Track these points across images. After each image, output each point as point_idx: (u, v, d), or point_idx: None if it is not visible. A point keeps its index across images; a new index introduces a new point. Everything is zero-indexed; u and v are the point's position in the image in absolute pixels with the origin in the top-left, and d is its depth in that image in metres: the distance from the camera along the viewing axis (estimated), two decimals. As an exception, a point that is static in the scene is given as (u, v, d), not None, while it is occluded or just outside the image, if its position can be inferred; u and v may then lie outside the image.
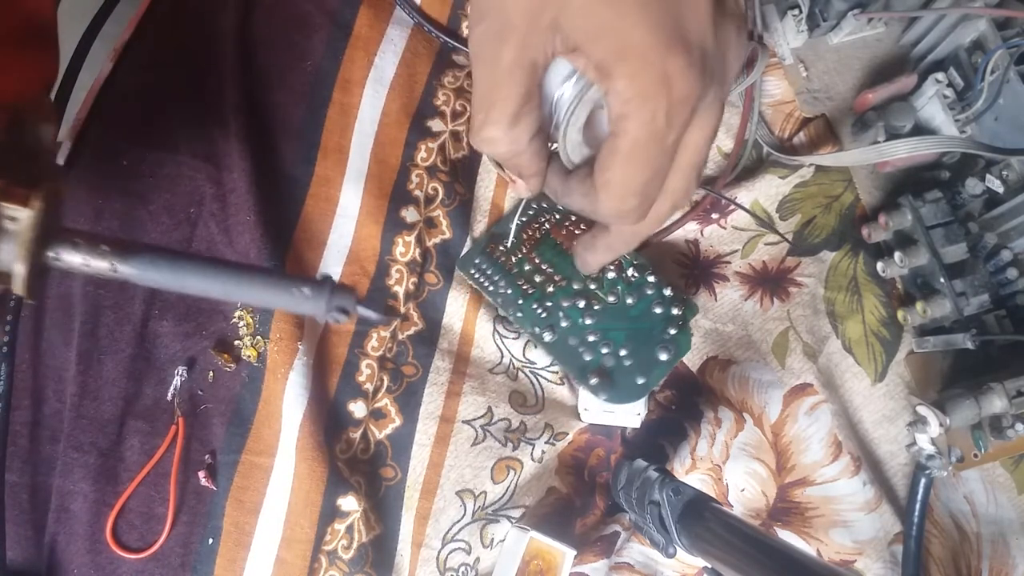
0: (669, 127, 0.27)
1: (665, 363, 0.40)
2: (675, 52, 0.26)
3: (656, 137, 0.28)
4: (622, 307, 0.41)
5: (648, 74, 0.26)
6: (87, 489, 0.41)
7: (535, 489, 0.43)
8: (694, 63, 0.26)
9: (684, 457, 0.42)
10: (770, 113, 0.46)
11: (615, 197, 0.30)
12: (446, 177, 0.45)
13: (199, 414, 0.42)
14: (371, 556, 0.40)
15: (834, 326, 0.44)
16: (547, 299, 0.42)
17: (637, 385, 0.40)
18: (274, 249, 0.42)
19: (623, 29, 0.26)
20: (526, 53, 0.28)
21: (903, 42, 0.46)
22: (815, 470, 0.42)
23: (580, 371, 0.40)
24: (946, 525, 0.43)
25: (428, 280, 0.44)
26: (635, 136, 0.28)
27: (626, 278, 0.42)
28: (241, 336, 0.42)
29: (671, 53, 0.26)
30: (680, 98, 0.27)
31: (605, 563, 0.41)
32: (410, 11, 0.47)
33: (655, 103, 0.27)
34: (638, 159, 0.28)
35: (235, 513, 0.41)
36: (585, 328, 0.41)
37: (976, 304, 0.41)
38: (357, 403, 0.42)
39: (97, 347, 0.42)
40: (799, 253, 0.45)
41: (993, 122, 0.42)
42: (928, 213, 0.41)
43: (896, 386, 0.44)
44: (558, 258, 0.43)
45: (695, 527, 0.32)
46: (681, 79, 0.26)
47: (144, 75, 0.46)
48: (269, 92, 0.45)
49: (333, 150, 0.44)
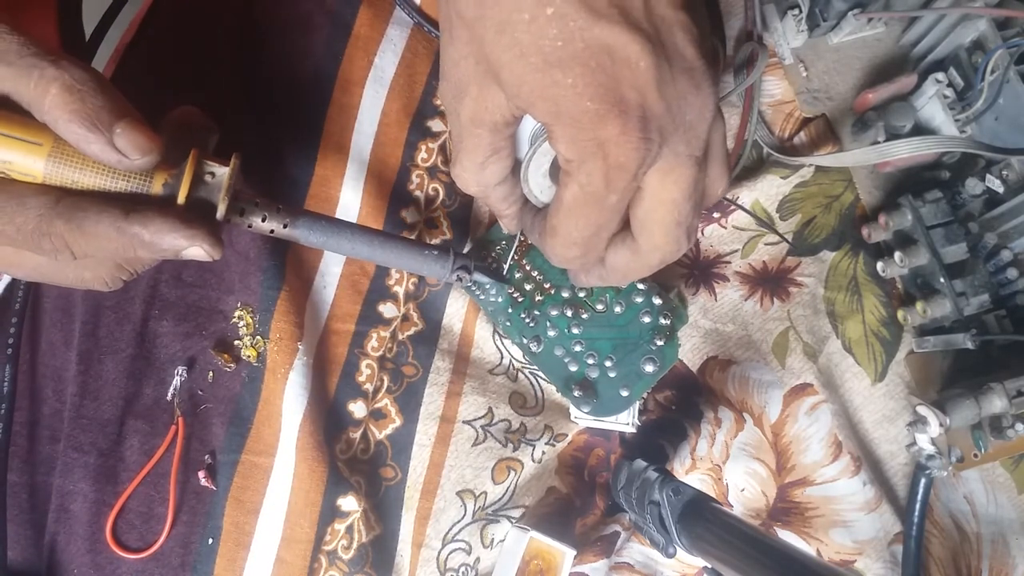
0: (608, 191, 0.27)
1: (650, 375, 0.40)
2: (608, 119, 0.26)
3: (594, 198, 0.28)
4: (610, 316, 0.41)
5: (582, 140, 0.26)
6: (87, 489, 0.41)
7: (535, 489, 0.43)
8: (631, 129, 0.26)
9: (684, 457, 0.42)
10: (770, 113, 0.46)
11: (559, 244, 0.31)
12: (447, 178, 0.45)
13: (199, 414, 0.42)
14: (371, 556, 0.40)
15: (834, 326, 0.44)
16: (535, 308, 0.42)
17: (621, 398, 0.40)
18: (273, 248, 0.42)
19: (555, 96, 0.26)
20: (482, 114, 0.29)
21: (903, 42, 0.46)
22: (815, 470, 0.42)
23: (564, 383, 0.41)
24: (946, 525, 0.43)
25: (428, 280, 0.44)
26: (574, 194, 0.28)
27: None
28: (241, 336, 0.42)
29: (604, 120, 0.26)
30: (617, 164, 0.27)
31: (605, 563, 0.41)
32: (410, 11, 0.47)
33: (591, 167, 0.27)
34: (578, 216, 0.29)
35: (235, 513, 0.41)
36: (572, 338, 0.41)
37: (976, 304, 0.41)
38: (357, 403, 0.42)
39: (97, 347, 0.42)
40: (799, 253, 0.45)
41: (993, 122, 0.42)
42: (928, 213, 0.41)
43: (896, 386, 0.44)
44: (548, 265, 0.43)
45: (695, 527, 0.32)
46: (616, 147, 0.26)
47: (145, 76, 0.46)
48: (269, 92, 0.45)
49: (333, 150, 0.44)
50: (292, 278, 0.42)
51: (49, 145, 0.29)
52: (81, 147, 0.28)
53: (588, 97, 0.26)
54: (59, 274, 0.32)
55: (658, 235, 0.30)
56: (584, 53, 0.25)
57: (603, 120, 0.26)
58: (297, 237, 0.33)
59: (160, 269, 0.43)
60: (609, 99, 0.26)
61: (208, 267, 0.44)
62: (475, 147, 0.31)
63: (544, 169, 0.33)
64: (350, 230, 0.34)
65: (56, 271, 0.32)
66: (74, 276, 0.32)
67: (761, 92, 0.46)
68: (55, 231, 0.28)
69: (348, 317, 0.43)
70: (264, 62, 0.46)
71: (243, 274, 0.42)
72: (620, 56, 0.25)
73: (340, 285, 0.43)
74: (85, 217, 0.28)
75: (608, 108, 0.26)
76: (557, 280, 0.42)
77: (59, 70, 0.27)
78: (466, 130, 0.30)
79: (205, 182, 0.31)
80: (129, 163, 0.28)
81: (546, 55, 0.25)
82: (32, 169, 0.29)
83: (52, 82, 0.27)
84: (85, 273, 0.32)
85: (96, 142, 0.28)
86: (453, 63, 0.29)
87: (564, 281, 0.42)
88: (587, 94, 0.25)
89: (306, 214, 0.33)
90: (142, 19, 0.47)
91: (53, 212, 0.28)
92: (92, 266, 0.32)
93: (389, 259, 0.35)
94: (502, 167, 0.32)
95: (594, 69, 0.25)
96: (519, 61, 0.26)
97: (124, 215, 0.29)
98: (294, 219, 0.33)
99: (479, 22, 0.26)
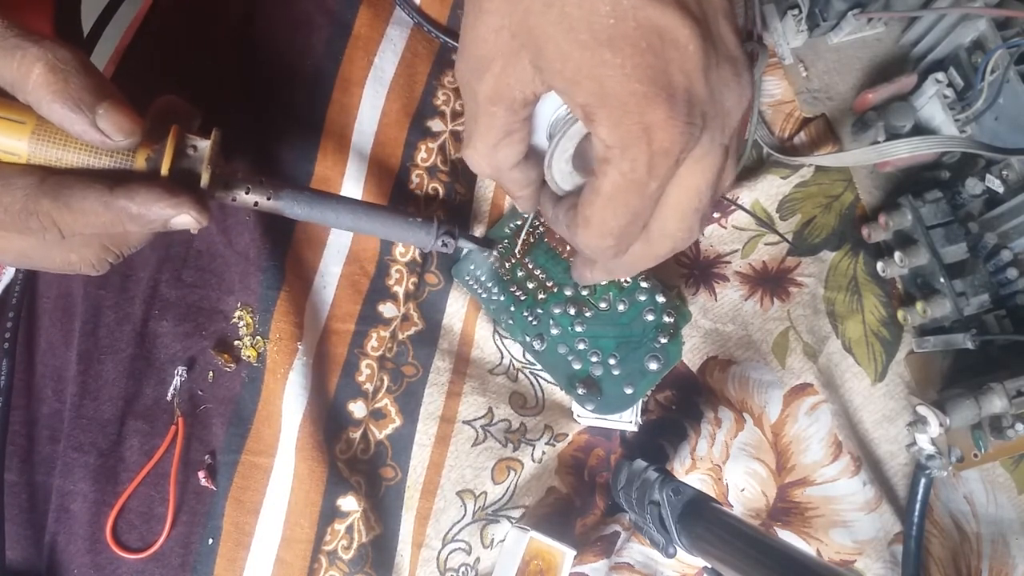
0: (650, 177, 0.27)
1: (654, 373, 0.39)
2: (656, 102, 0.25)
3: (636, 185, 0.27)
4: (613, 314, 0.41)
5: (627, 124, 0.25)
6: (87, 489, 0.41)
7: (535, 489, 0.43)
8: (677, 114, 0.25)
9: (684, 457, 0.42)
10: (770, 113, 0.46)
11: (593, 235, 0.30)
12: (446, 177, 0.45)
13: (199, 414, 0.42)
14: (371, 556, 0.40)
15: (834, 326, 0.44)
16: (538, 306, 0.42)
17: (625, 395, 0.39)
18: (273, 248, 0.42)
19: (601, 76, 0.25)
20: (503, 91, 0.28)
21: (903, 42, 0.46)
22: (815, 470, 0.42)
23: (568, 380, 0.40)
24: (946, 525, 0.43)
25: (428, 280, 0.44)
26: (614, 182, 0.27)
27: (619, 282, 0.41)
28: (241, 336, 0.42)
29: (652, 103, 0.25)
30: (661, 150, 0.26)
31: (605, 563, 0.41)
32: (410, 11, 0.47)
33: (635, 153, 0.26)
34: (617, 204, 0.28)
35: (235, 513, 0.41)
36: (575, 336, 0.41)
37: (976, 304, 0.41)
38: (357, 403, 0.42)
39: (97, 347, 0.42)
40: (799, 253, 0.45)
41: (993, 122, 0.42)
42: (928, 213, 0.41)
43: (896, 386, 0.44)
44: (551, 263, 0.43)
45: (695, 527, 0.32)
46: (662, 131, 0.25)
47: (144, 76, 0.46)
48: (269, 92, 0.45)
49: (333, 150, 0.44)
50: (292, 278, 0.42)
51: (32, 124, 0.29)
52: (65, 127, 0.28)
53: (636, 79, 0.25)
54: (46, 258, 0.32)
55: (673, 222, 0.29)
56: (635, 33, 0.25)
57: (651, 103, 0.25)
58: (281, 209, 0.34)
59: (160, 269, 0.43)
60: (658, 82, 0.25)
61: (208, 267, 0.44)
62: (489, 127, 0.30)
63: (568, 155, 0.32)
64: (334, 200, 0.35)
65: (43, 255, 0.32)
66: (61, 259, 0.32)
67: (761, 92, 0.46)
68: (42, 209, 0.28)
69: (348, 317, 0.43)
70: (264, 62, 0.46)
71: (243, 274, 0.42)
72: (670, 38, 0.25)
73: (340, 285, 0.43)
74: (71, 194, 0.28)
75: (657, 91, 0.25)
76: (560, 279, 0.42)
77: (42, 50, 0.27)
78: (482, 108, 0.30)
79: (188, 155, 0.31)
80: (112, 144, 0.29)
81: (596, 32, 0.25)
82: (16, 148, 0.29)
83: (36, 62, 0.27)
84: (71, 255, 0.32)
85: (79, 122, 0.28)
86: (480, 38, 0.28)
87: (567, 279, 0.42)
88: (635, 76, 0.25)
89: (290, 186, 0.34)
90: (142, 19, 0.47)
91: (39, 191, 0.28)
92: (78, 248, 0.32)
93: (375, 228, 0.36)
94: (516, 150, 0.31)
95: (644, 50, 0.25)
96: (567, 36, 0.25)
97: (110, 189, 0.29)
98: (277, 191, 0.33)
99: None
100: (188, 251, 0.44)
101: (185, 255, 0.44)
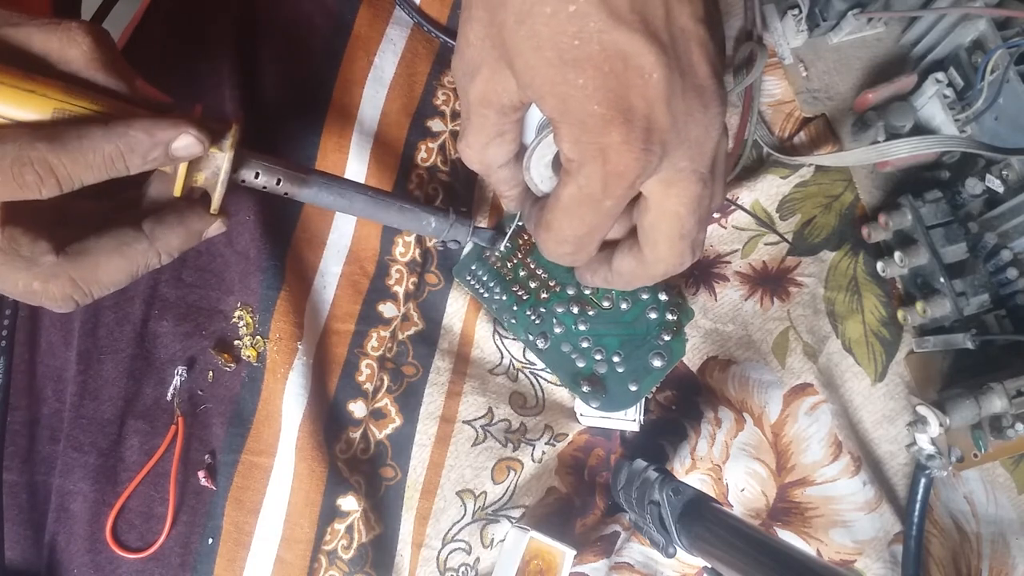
0: (604, 195, 0.28)
1: (658, 370, 0.40)
2: (613, 126, 0.26)
3: (591, 200, 0.28)
4: (616, 312, 0.41)
5: (585, 142, 0.26)
6: (87, 489, 0.41)
7: (535, 489, 0.43)
8: (633, 139, 0.26)
9: (684, 457, 0.42)
10: (770, 113, 0.46)
11: (551, 240, 0.31)
12: (446, 177, 0.45)
13: (199, 414, 0.42)
14: (371, 556, 0.40)
15: (834, 326, 0.44)
16: (541, 305, 0.42)
17: (630, 392, 0.40)
18: (273, 248, 0.42)
19: (564, 94, 0.26)
20: (491, 96, 0.29)
21: (903, 42, 0.46)
22: (815, 470, 0.42)
23: (572, 378, 0.40)
24: (946, 525, 0.43)
25: (428, 280, 0.44)
26: (571, 194, 0.28)
27: None
28: (241, 336, 0.42)
29: (609, 126, 0.26)
30: (616, 172, 0.27)
31: (605, 563, 0.41)
32: (410, 11, 0.47)
33: (591, 170, 0.27)
34: (573, 215, 0.29)
35: (235, 513, 0.41)
36: (579, 334, 0.41)
37: (976, 304, 0.41)
38: (357, 403, 0.42)
39: (97, 347, 0.42)
40: (799, 253, 0.45)
41: (993, 122, 0.42)
42: (928, 213, 0.41)
43: (896, 386, 0.44)
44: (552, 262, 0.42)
45: (695, 527, 0.32)
46: (617, 154, 0.26)
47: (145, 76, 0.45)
48: (269, 92, 0.45)
49: (333, 150, 0.44)
50: (292, 278, 0.42)
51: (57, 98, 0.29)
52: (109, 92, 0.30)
53: (596, 101, 0.25)
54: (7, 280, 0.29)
55: (662, 247, 0.30)
56: (599, 56, 0.25)
57: (608, 126, 0.26)
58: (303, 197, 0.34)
59: (160, 269, 0.43)
60: (617, 106, 0.26)
61: (208, 267, 0.44)
62: (480, 127, 0.31)
63: (547, 159, 0.33)
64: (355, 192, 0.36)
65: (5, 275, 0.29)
66: (23, 285, 0.29)
67: (761, 92, 0.46)
68: (37, 155, 0.27)
69: (348, 317, 0.43)
70: (264, 62, 0.46)
71: (243, 274, 0.42)
72: (634, 64, 0.25)
73: (340, 285, 0.43)
74: (67, 131, 0.28)
75: (614, 115, 0.26)
76: (562, 278, 0.42)
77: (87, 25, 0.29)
78: (474, 109, 0.30)
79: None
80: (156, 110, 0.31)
81: (561, 52, 0.25)
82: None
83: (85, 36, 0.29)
84: (34, 283, 0.29)
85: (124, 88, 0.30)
86: (468, 43, 0.29)
87: (569, 279, 0.42)
88: (596, 98, 0.25)
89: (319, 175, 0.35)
90: (140, 19, 0.47)
91: (33, 136, 0.27)
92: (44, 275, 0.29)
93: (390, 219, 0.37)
94: (506, 150, 0.32)
95: (606, 74, 0.25)
96: (534, 53, 0.26)
97: (106, 124, 0.29)
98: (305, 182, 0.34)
99: (501, 7, 0.26)
100: (188, 251, 0.44)
101: (185, 255, 0.44)
